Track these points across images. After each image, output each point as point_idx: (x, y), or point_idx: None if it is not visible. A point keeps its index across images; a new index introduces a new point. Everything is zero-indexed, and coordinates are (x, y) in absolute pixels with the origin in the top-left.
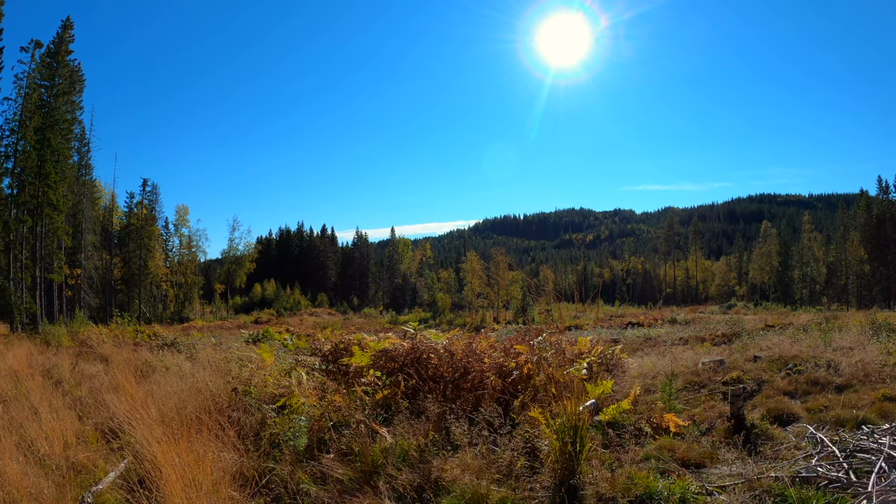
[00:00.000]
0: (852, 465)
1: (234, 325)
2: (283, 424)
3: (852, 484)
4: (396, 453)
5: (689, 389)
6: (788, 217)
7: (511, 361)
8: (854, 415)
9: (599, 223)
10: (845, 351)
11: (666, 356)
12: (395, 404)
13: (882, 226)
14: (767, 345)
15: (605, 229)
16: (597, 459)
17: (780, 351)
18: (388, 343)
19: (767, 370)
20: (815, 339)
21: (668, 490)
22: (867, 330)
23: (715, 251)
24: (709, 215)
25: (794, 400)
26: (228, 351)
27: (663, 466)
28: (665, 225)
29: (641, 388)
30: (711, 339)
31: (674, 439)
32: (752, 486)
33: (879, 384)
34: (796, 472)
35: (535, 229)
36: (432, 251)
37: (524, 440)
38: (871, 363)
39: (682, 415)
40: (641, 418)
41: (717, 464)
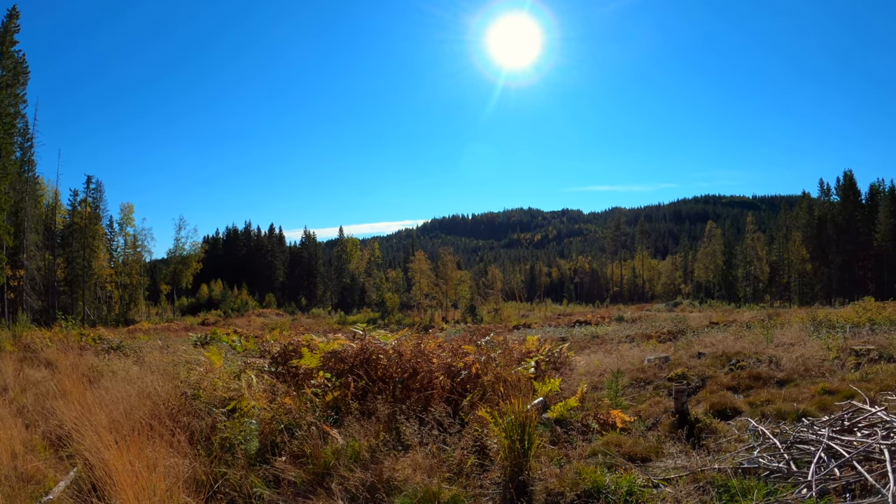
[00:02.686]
0: (793, 456)
1: (181, 327)
2: (234, 428)
3: (793, 473)
4: (348, 454)
5: (635, 386)
6: (733, 217)
7: (459, 361)
8: (795, 408)
9: (548, 223)
10: (787, 347)
11: (612, 354)
12: (346, 405)
13: (823, 226)
14: (711, 342)
15: (553, 229)
16: (545, 456)
17: (723, 347)
18: (338, 344)
19: (711, 366)
20: (758, 335)
21: (615, 484)
22: (808, 326)
23: (661, 250)
24: (655, 215)
25: (737, 394)
26: (176, 354)
27: (610, 461)
28: (612, 225)
29: (589, 386)
30: (657, 337)
31: (620, 435)
32: (696, 478)
33: (819, 378)
34: (739, 463)
35: (483, 229)
36: (381, 251)
37: (473, 439)
38: (812, 358)
39: (629, 411)
40: (588, 415)
41: (663, 457)
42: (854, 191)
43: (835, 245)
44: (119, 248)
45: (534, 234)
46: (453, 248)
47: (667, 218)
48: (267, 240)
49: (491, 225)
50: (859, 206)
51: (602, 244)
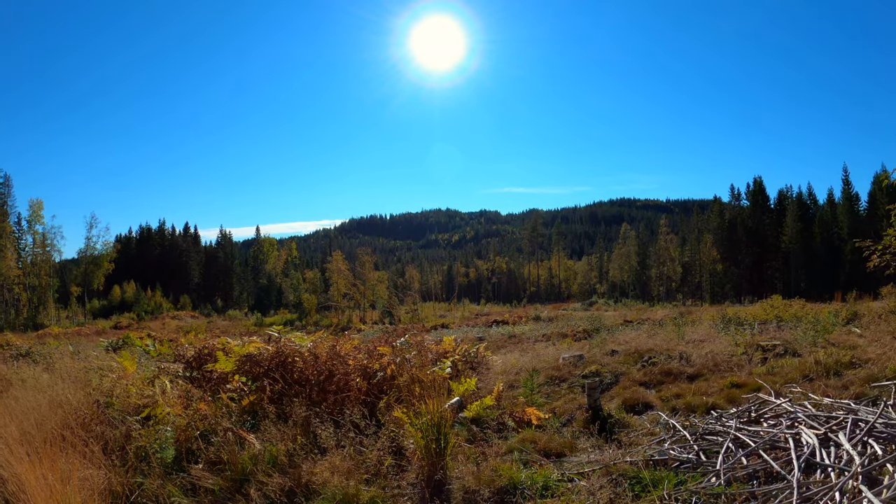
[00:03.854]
0: (702, 447)
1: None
2: (148, 436)
3: (702, 463)
4: (266, 459)
5: (550, 384)
6: (647, 220)
7: (375, 363)
8: (704, 401)
9: (465, 224)
10: (697, 343)
11: (529, 353)
12: (262, 410)
13: (733, 229)
14: (625, 339)
15: (471, 230)
16: (462, 455)
17: (636, 345)
18: (253, 347)
19: (624, 363)
20: (670, 333)
21: (530, 480)
22: (718, 323)
23: (577, 251)
24: (572, 217)
25: (650, 390)
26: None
27: (526, 458)
28: (529, 226)
29: (505, 384)
30: (573, 336)
31: (536, 432)
32: (609, 471)
33: (727, 373)
34: (650, 455)
35: (401, 229)
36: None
37: (390, 440)
38: (720, 354)
39: (544, 408)
40: (505, 413)
41: (577, 452)
42: (763, 196)
43: (744, 247)
44: (27, 247)
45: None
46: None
47: (583, 220)
48: (182, 239)
49: (409, 225)
50: (768, 210)
51: (519, 245)
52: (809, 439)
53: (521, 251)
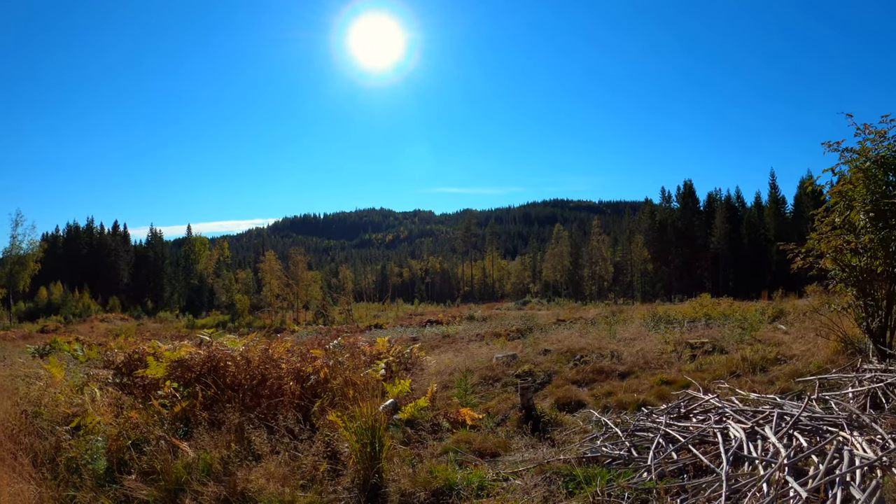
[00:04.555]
0: (633, 444)
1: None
2: (79, 447)
3: (633, 459)
4: (200, 468)
5: (484, 383)
6: (579, 221)
7: (308, 366)
8: (635, 398)
9: (399, 223)
10: (628, 341)
11: (463, 353)
12: (195, 416)
13: (664, 230)
14: (558, 338)
15: (405, 229)
16: (398, 457)
17: (569, 344)
18: (185, 352)
19: (557, 362)
20: (602, 331)
21: (466, 480)
22: (649, 322)
23: (511, 251)
24: (505, 218)
25: (582, 388)
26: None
27: (461, 458)
28: (463, 226)
29: (439, 385)
30: (506, 335)
31: (470, 432)
32: (543, 470)
33: (658, 370)
34: (583, 453)
35: (335, 229)
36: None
37: (325, 444)
38: (651, 352)
39: (478, 408)
40: (439, 414)
41: (512, 451)
42: (693, 198)
43: (674, 247)
44: None
45: (386, 234)
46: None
47: (517, 220)
48: (111, 238)
49: (343, 225)
50: (697, 212)
51: (453, 245)
52: (737, 433)
53: (455, 251)
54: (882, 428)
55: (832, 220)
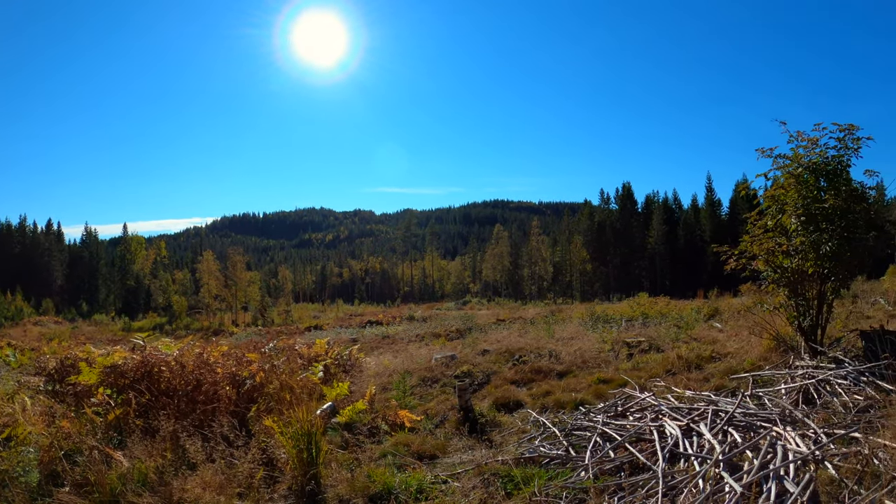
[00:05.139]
0: (571, 443)
1: None
2: (10, 460)
3: (571, 458)
4: (135, 478)
5: (423, 385)
6: (519, 221)
7: (244, 370)
8: (573, 397)
9: (340, 223)
10: (566, 341)
11: (402, 354)
12: (129, 424)
13: (602, 231)
14: (497, 338)
15: (345, 229)
16: (336, 462)
17: (508, 344)
18: (118, 357)
19: (496, 362)
20: (541, 331)
21: (404, 484)
22: (587, 321)
23: (451, 252)
24: (446, 218)
25: (521, 388)
26: None
27: (400, 461)
28: (403, 226)
29: (378, 387)
30: (446, 335)
31: (409, 434)
32: (482, 471)
33: (595, 369)
34: (521, 453)
35: (274, 228)
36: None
37: (261, 450)
38: (588, 351)
39: (417, 410)
40: (378, 417)
41: (451, 453)
42: (631, 200)
43: (613, 247)
44: None
45: (326, 234)
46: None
47: (457, 220)
48: (44, 237)
49: (282, 224)
50: (636, 213)
51: (393, 245)
52: (673, 431)
53: (396, 251)
54: (814, 423)
55: (765, 224)
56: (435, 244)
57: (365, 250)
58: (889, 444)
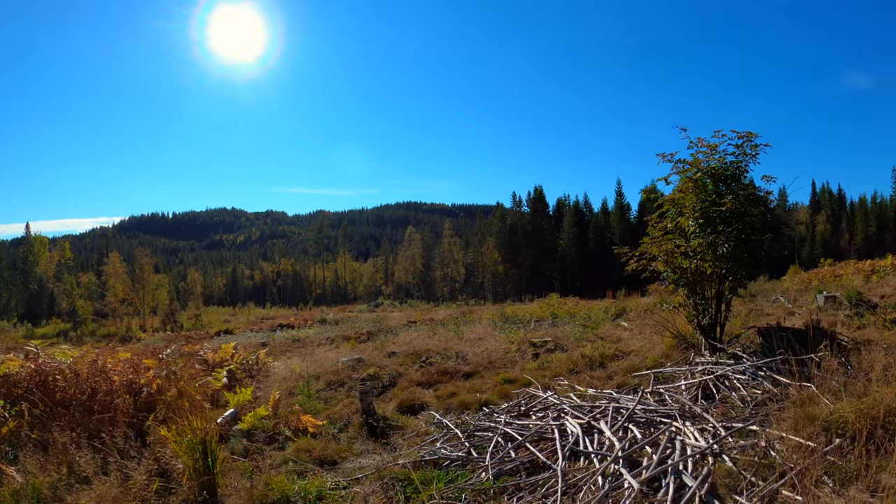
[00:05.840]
0: (473, 444)
1: None
2: None
3: (472, 460)
4: (29, 494)
5: (329, 388)
6: (432, 223)
7: (142, 378)
8: (478, 398)
9: (251, 224)
10: (475, 342)
11: (310, 357)
12: (22, 437)
13: (514, 233)
14: (406, 340)
15: (257, 230)
16: (236, 470)
17: (416, 345)
18: (13, 365)
19: (403, 364)
20: (450, 332)
21: (303, 491)
22: (497, 322)
23: (363, 253)
24: (359, 219)
25: (427, 389)
26: None
27: (301, 468)
28: (316, 227)
29: (284, 392)
30: (356, 338)
31: (312, 440)
32: (382, 476)
33: (501, 369)
34: (422, 456)
35: (184, 229)
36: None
37: (158, 461)
38: (495, 351)
39: (322, 414)
40: (281, 422)
41: (353, 458)
42: (543, 203)
43: (524, 249)
44: None
45: (237, 235)
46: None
47: (370, 222)
48: None
49: (192, 225)
50: (547, 216)
51: (305, 246)
52: (574, 429)
53: (308, 253)
54: (713, 417)
55: (665, 226)
56: (348, 246)
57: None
58: (785, 435)
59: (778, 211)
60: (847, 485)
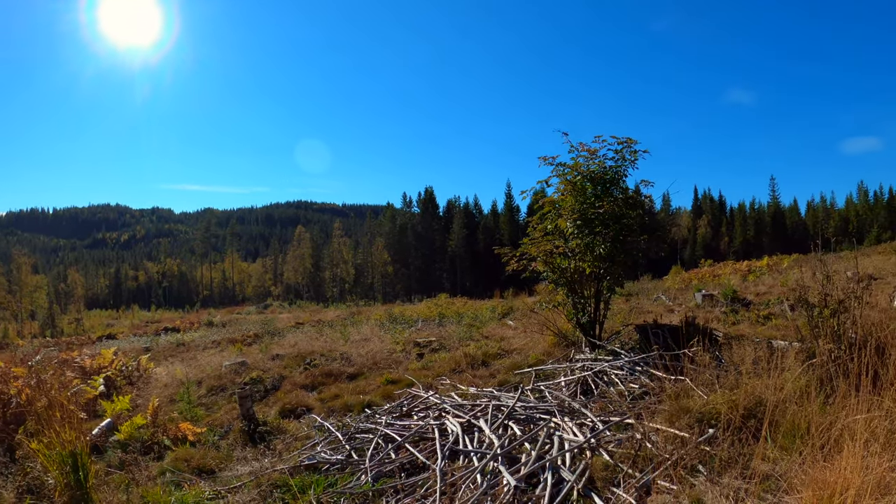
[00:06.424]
0: (354, 446)
1: None
2: None
3: (352, 463)
4: None
5: (212, 394)
6: (323, 223)
7: (11, 388)
8: (361, 400)
9: (136, 221)
10: (360, 343)
11: (194, 362)
12: None
13: (404, 233)
14: (292, 342)
15: (142, 228)
16: (111, 483)
17: (302, 347)
18: None
19: (288, 367)
20: (337, 333)
21: (180, 502)
22: (385, 322)
23: (252, 253)
24: (248, 218)
25: (311, 392)
26: None
27: (179, 478)
28: (203, 226)
29: (165, 399)
30: (243, 341)
31: (191, 448)
32: (260, 483)
33: (386, 370)
34: (301, 461)
35: (65, 226)
36: None
37: (28, 477)
38: (381, 352)
39: (204, 421)
40: (159, 431)
41: (233, 465)
42: (433, 204)
43: (414, 250)
44: None
45: (122, 233)
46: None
47: (259, 221)
48: None
49: (74, 222)
50: (437, 217)
51: (193, 246)
52: (454, 428)
53: (195, 252)
54: (591, 412)
55: (545, 227)
56: (236, 245)
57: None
58: (661, 427)
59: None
60: (721, 473)
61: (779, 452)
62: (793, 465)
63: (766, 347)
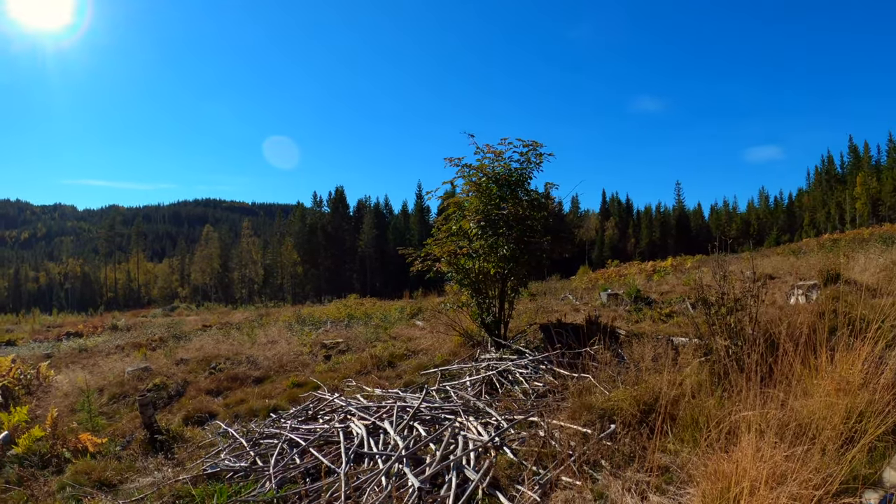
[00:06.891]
0: (259, 452)
1: None
2: None
3: (256, 469)
4: None
5: (114, 402)
6: (231, 222)
7: None
8: (267, 404)
9: (37, 219)
10: (267, 345)
11: (97, 368)
12: None
13: (314, 233)
14: (197, 346)
15: (43, 226)
16: (10, 501)
17: (207, 351)
18: None
19: (193, 371)
20: (243, 336)
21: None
22: (293, 324)
23: (159, 253)
24: (154, 216)
25: (216, 397)
26: None
27: (79, 493)
28: (108, 224)
29: (66, 408)
30: (148, 345)
31: (92, 460)
32: (162, 494)
33: (292, 373)
34: (204, 469)
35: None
36: None
37: None
38: (288, 354)
39: (105, 431)
40: (59, 443)
41: (136, 477)
42: (344, 204)
43: (324, 250)
44: None
45: (21, 231)
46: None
47: (166, 219)
48: None
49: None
50: (347, 217)
51: (96, 245)
52: (359, 430)
53: (99, 252)
54: (496, 411)
55: (450, 228)
56: (142, 245)
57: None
58: (564, 424)
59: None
60: (623, 466)
61: (679, 445)
62: (691, 458)
63: (667, 344)
